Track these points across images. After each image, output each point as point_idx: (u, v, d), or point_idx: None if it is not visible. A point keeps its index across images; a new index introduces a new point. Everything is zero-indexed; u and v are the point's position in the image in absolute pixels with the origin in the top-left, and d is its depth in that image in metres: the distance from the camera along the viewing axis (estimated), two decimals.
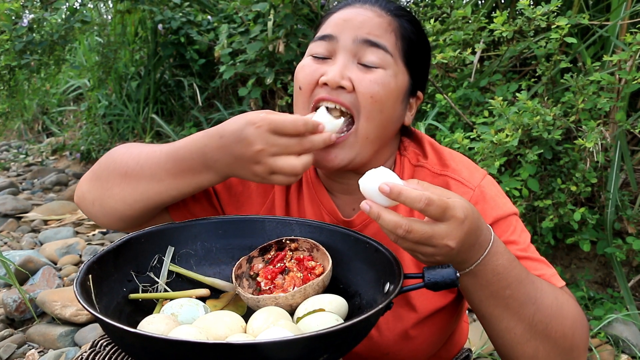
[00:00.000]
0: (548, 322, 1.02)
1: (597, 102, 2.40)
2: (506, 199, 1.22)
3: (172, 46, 4.77)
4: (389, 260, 0.97)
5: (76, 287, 0.88)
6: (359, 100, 1.10)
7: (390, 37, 1.13)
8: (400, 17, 1.16)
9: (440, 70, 3.00)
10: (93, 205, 1.21)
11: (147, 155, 1.14)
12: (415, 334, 1.21)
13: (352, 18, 1.13)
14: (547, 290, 1.06)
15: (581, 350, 1.07)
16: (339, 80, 1.09)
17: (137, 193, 1.14)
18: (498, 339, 1.06)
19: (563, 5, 2.81)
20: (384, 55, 1.11)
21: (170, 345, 0.77)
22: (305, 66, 1.15)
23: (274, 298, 0.99)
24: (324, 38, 1.14)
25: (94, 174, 1.22)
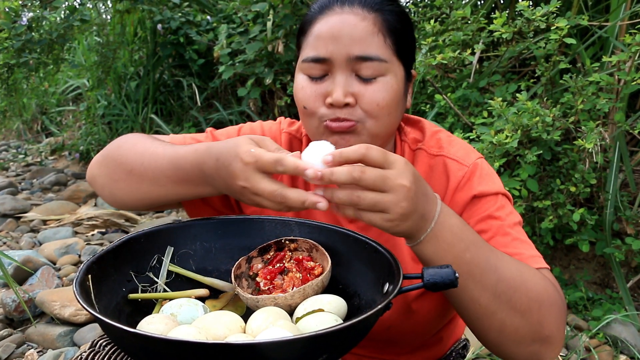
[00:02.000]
0: (512, 294, 1.00)
1: (596, 103, 2.40)
2: (498, 180, 1.23)
3: (171, 46, 4.77)
4: (388, 260, 0.97)
5: (75, 287, 0.88)
6: (365, 111, 1.12)
7: (378, 39, 1.12)
8: (382, 10, 1.14)
9: (439, 71, 3.01)
10: (103, 190, 1.23)
11: (150, 157, 1.14)
12: (416, 308, 1.23)
13: (339, 32, 1.11)
14: (509, 261, 1.04)
15: (552, 327, 1.03)
16: (343, 100, 1.11)
17: (141, 192, 1.16)
18: (465, 311, 1.04)
19: (562, 6, 2.81)
20: (379, 65, 1.11)
21: (170, 345, 0.77)
22: (305, 87, 1.16)
23: (273, 298, 0.99)
24: (317, 61, 1.13)
25: (104, 159, 1.23)
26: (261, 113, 4.43)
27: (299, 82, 1.17)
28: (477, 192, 1.17)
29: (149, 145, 1.17)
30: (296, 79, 1.19)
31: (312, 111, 1.15)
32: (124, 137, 1.25)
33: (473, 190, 1.18)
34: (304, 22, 1.19)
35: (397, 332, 1.28)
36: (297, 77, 1.18)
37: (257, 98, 4.05)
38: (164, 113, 5.25)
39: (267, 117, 4.40)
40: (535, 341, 1.03)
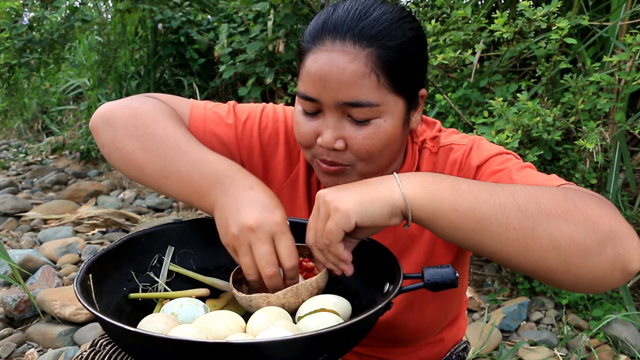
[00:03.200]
0: (537, 201, 0.88)
1: (596, 103, 2.40)
2: (498, 146, 1.20)
3: (171, 45, 4.77)
4: (389, 260, 0.97)
5: (76, 287, 0.88)
6: (355, 156, 1.09)
7: (370, 82, 1.03)
8: (377, 43, 1.04)
9: (440, 71, 3.01)
10: (102, 147, 1.17)
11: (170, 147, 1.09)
12: (419, 306, 1.23)
13: (326, 76, 1.04)
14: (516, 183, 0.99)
15: (607, 219, 0.88)
16: (332, 144, 1.07)
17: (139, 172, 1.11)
18: (508, 247, 0.89)
19: (563, 6, 2.81)
20: (370, 110, 1.05)
21: (170, 345, 0.77)
22: (299, 122, 1.12)
23: (265, 297, 0.98)
24: (307, 99, 1.08)
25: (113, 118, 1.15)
26: None
27: (296, 114, 1.14)
28: (479, 162, 1.15)
29: (170, 131, 1.11)
30: (295, 106, 1.15)
31: (306, 146, 1.13)
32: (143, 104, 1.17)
33: (474, 162, 1.16)
34: (299, 47, 1.13)
35: (400, 331, 1.28)
36: (296, 106, 1.15)
37: (257, 97, 4.04)
38: None
39: None
40: (603, 243, 0.86)
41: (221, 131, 1.26)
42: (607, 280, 0.88)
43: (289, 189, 1.30)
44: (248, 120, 1.28)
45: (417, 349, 1.39)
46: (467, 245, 0.91)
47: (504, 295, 2.78)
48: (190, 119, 1.25)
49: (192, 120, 1.25)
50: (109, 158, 1.17)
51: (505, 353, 2.33)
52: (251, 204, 0.98)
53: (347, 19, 1.04)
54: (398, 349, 1.37)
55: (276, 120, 1.30)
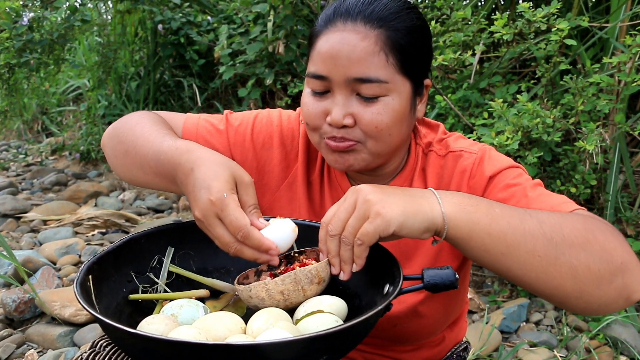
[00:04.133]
0: (561, 231, 0.93)
1: (596, 104, 2.40)
2: (508, 158, 1.23)
3: (171, 46, 4.77)
4: (389, 261, 0.97)
5: (76, 288, 0.88)
6: (364, 132, 1.11)
7: (380, 59, 1.08)
8: (387, 25, 1.09)
9: (440, 72, 3.01)
10: (109, 160, 1.27)
11: (142, 143, 1.15)
12: (422, 309, 1.24)
13: (337, 53, 1.08)
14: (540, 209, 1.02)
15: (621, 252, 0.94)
16: (341, 120, 1.09)
17: (132, 174, 1.19)
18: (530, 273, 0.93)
19: (562, 7, 2.81)
20: (379, 86, 1.08)
21: (170, 346, 0.77)
22: (307, 103, 1.15)
23: (264, 284, 0.98)
24: (317, 77, 1.12)
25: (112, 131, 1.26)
26: None
27: (304, 96, 1.17)
28: (492, 173, 1.18)
29: (147, 129, 1.17)
30: (304, 90, 1.19)
31: (314, 127, 1.16)
32: (134, 113, 1.27)
33: (487, 172, 1.18)
34: (311, 33, 1.18)
35: (402, 330, 1.29)
36: (304, 89, 1.18)
37: (257, 98, 4.05)
38: None
39: None
40: (614, 273, 0.92)
41: (212, 138, 1.30)
42: (612, 306, 0.95)
43: (287, 190, 1.33)
44: (240, 126, 1.32)
45: (418, 348, 1.40)
46: (491, 266, 0.95)
47: (504, 296, 2.78)
48: (183, 129, 1.30)
49: (184, 130, 1.30)
50: (115, 169, 1.25)
51: (505, 354, 2.33)
52: (194, 190, 0.98)
53: (358, 3, 1.11)
54: (399, 347, 1.38)
55: (269, 125, 1.33)
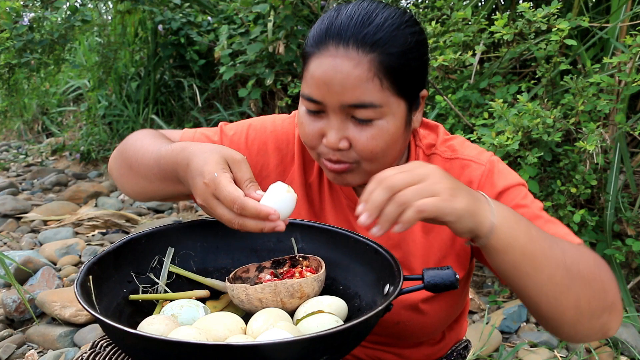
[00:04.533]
0: (578, 264, 0.99)
1: (596, 104, 2.40)
2: (515, 172, 1.24)
3: (172, 47, 4.77)
4: (389, 261, 0.97)
5: (76, 288, 0.88)
6: (360, 155, 1.11)
7: (374, 85, 1.06)
8: (380, 48, 1.06)
9: (440, 72, 3.01)
10: (117, 182, 1.32)
11: (143, 154, 1.18)
12: (424, 308, 1.24)
13: (330, 81, 1.06)
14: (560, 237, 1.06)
15: (614, 292, 1.01)
16: (337, 144, 1.09)
17: (139, 187, 1.22)
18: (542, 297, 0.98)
19: (563, 7, 2.81)
20: (373, 111, 1.07)
21: (170, 346, 0.77)
22: (304, 123, 1.15)
23: (244, 288, 1.00)
24: (311, 100, 1.11)
25: (116, 153, 1.32)
26: (262, 114, 4.42)
27: (300, 114, 1.16)
28: (501, 188, 1.18)
29: (147, 142, 1.21)
30: (299, 106, 1.17)
31: (311, 147, 1.16)
32: (136, 132, 1.31)
33: (497, 187, 1.18)
34: (303, 50, 1.15)
35: (405, 328, 1.28)
36: (300, 106, 1.16)
37: (257, 99, 4.05)
38: (165, 114, 5.25)
39: None
40: (604, 310, 1.00)
41: None
42: (592, 338, 1.04)
43: None
44: (235, 135, 1.33)
45: (419, 345, 1.40)
46: (511, 280, 0.99)
47: (504, 296, 2.78)
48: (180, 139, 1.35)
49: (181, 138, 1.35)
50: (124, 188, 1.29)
51: (505, 354, 2.33)
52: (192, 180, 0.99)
53: (350, 25, 1.06)
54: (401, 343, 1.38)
55: (263, 131, 1.34)
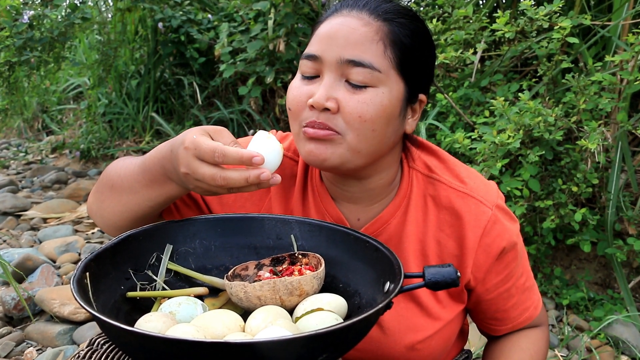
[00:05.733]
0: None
1: (598, 103, 2.39)
2: (511, 215, 1.23)
3: (172, 45, 4.76)
4: (389, 259, 0.96)
5: (73, 285, 0.87)
6: (346, 121, 1.05)
7: (377, 48, 1.04)
8: (392, 21, 1.06)
9: (441, 70, 2.99)
10: (96, 216, 1.26)
11: (126, 168, 1.17)
12: (422, 347, 1.20)
13: (335, 33, 1.05)
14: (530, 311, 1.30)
15: None
16: (323, 102, 1.03)
17: (121, 205, 1.17)
18: None
19: (564, 5, 2.80)
20: (371, 73, 1.03)
21: (168, 344, 0.76)
22: (294, 87, 1.11)
23: (242, 285, 0.99)
24: (309, 57, 1.08)
25: (95, 188, 1.28)
26: (262, 112, 4.42)
27: (292, 82, 1.13)
28: (507, 244, 1.18)
29: (127, 160, 1.20)
30: (296, 75, 1.15)
31: (295, 113, 1.10)
32: (111, 163, 1.29)
33: (502, 241, 1.17)
34: (314, 24, 1.14)
35: None
36: (297, 74, 1.14)
37: (258, 97, 4.04)
38: (165, 111, 5.24)
39: (268, 116, 4.39)
40: None
41: None
42: None
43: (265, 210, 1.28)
44: None
45: None
46: None
47: None
48: None
49: None
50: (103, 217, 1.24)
51: None
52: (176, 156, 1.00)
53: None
54: None
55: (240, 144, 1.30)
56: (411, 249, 1.19)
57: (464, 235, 1.17)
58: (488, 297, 1.24)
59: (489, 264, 1.19)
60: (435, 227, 1.19)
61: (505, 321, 1.30)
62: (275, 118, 4.28)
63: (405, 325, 1.19)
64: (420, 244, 1.20)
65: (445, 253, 1.19)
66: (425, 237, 1.19)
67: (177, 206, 1.27)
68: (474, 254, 1.17)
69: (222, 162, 0.93)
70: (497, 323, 1.31)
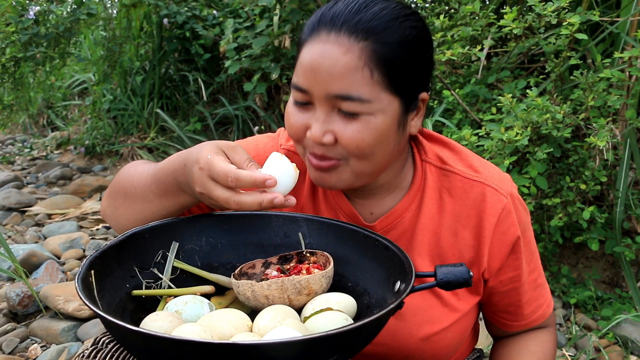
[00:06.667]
0: None
1: (607, 100, 2.36)
2: (524, 206, 1.22)
3: (177, 41, 4.75)
4: (399, 258, 0.94)
5: (78, 283, 0.86)
6: (346, 150, 1.04)
7: (363, 75, 1.00)
8: (375, 36, 1.00)
9: (447, 67, 2.97)
10: (111, 221, 1.27)
11: (139, 177, 1.17)
12: (437, 339, 1.20)
13: (318, 67, 1.01)
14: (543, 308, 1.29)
15: None
16: (321, 138, 1.03)
17: (136, 212, 1.17)
18: None
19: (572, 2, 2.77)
20: (360, 105, 1.01)
21: (174, 345, 0.74)
22: (290, 114, 1.10)
23: (250, 284, 0.97)
24: (298, 89, 1.06)
25: (108, 192, 1.28)
26: (267, 108, 4.41)
27: (288, 105, 1.11)
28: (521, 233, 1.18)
29: (140, 167, 1.20)
30: (290, 98, 1.12)
31: (297, 140, 1.11)
32: (124, 167, 1.29)
33: (516, 230, 1.17)
34: (298, 41, 1.11)
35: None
36: (290, 97, 1.12)
37: (263, 93, 4.02)
38: (170, 108, 5.23)
39: (273, 112, 4.37)
40: None
41: None
42: None
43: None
44: None
45: None
46: None
47: None
48: None
49: None
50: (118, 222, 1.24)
51: None
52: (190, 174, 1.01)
53: (344, 11, 1.02)
54: None
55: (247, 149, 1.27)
56: (425, 241, 1.18)
57: (480, 224, 1.16)
58: (502, 289, 1.23)
59: (503, 253, 1.18)
60: (451, 219, 1.18)
61: (519, 317, 1.28)
62: (280, 114, 4.27)
63: (421, 317, 1.18)
64: (435, 237, 1.18)
65: (462, 244, 1.18)
66: (441, 230, 1.18)
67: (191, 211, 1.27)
68: (489, 242, 1.16)
69: (235, 186, 0.95)
70: (510, 318, 1.29)
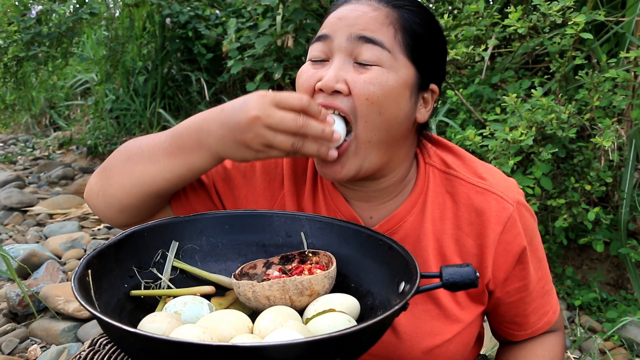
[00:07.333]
0: None
1: (612, 100, 2.34)
2: (531, 212, 1.18)
3: (179, 40, 4.74)
4: (404, 258, 0.92)
5: (74, 283, 0.83)
6: (355, 104, 1.02)
7: (387, 30, 1.04)
8: (401, 8, 1.06)
9: (451, 67, 2.95)
10: (97, 197, 1.17)
11: (150, 138, 1.13)
12: (439, 352, 1.16)
13: (346, 15, 1.05)
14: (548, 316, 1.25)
15: None
16: (333, 84, 1.02)
17: (134, 177, 1.10)
18: None
19: (577, 1, 2.75)
20: (379, 51, 1.02)
21: (173, 347, 0.72)
22: (303, 72, 1.10)
23: (251, 285, 0.95)
24: (319, 39, 1.08)
25: (102, 166, 1.20)
26: None
27: (301, 69, 1.12)
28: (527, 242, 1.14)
29: (151, 135, 1.16)
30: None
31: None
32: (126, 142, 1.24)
33: (522, 240, 1.13)
34: (322, 18, 1.13)
35: None
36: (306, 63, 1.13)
37: None
38: (172, 108, 5.23)
39: None
40: None
41: None
42: None
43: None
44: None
45: None
46: None
47: None
48: None
49: None
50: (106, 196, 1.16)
51: None
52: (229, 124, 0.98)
53: None
54: None
55: None
56: (430, 247, 1.15)
57: (484, 232, 1.12)
58: (508, 300, 1.19)
59: (509, 263, 1.14)
60: (453, 226, 1.14)
61: (525, 326, 1.25)
62: None
63: (422, 329, 1.14)
64: (438, 243, 1.15)
65: (464, 252, 1.14)
66: (443, 236, 1.14)
67: (187, 194, 1.22)
68: (494, 251, 1.12)
69: (302, 124, 0.95)
70: (516, 328, 1.26)
